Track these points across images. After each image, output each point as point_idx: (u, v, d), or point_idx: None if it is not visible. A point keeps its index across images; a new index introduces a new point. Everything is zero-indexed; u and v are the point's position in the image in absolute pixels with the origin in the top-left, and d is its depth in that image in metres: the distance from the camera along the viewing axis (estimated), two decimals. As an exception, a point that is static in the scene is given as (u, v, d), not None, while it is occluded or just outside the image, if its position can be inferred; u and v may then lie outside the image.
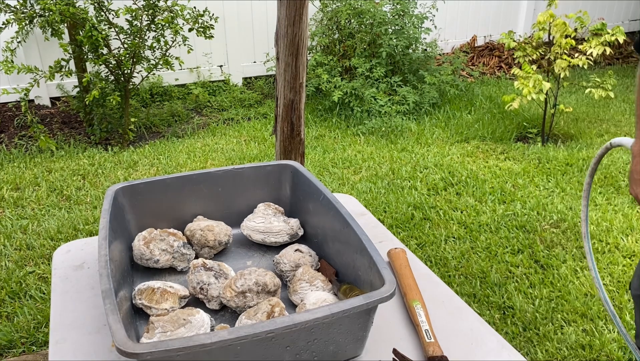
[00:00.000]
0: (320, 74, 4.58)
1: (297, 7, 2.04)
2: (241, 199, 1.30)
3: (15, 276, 2.46)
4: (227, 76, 5.22)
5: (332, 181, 3.49)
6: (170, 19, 3.73)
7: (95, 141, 4.03)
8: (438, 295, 1.12)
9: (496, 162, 3.79)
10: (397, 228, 2.95)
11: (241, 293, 1.00)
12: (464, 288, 2.47)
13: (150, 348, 0.74)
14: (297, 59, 2.14)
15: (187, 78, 5.04)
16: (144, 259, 1.14)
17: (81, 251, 1.25)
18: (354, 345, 0.94)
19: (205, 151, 3.90)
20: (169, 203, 1.24)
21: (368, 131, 4.29)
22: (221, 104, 4.86)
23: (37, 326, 2.19)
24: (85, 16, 3.50)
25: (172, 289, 1.03)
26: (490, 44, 6.43)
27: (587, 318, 2.26)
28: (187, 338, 0.76)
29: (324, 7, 4.88)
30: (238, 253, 1.25)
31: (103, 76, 3.83)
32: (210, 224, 1.22)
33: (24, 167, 3.59)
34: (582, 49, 4.00)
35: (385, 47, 4.65)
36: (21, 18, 3.46)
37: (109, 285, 0.86)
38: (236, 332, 0.77)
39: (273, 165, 1.31)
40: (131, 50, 3.69)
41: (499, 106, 4.78)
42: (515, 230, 2.91)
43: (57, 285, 1.13)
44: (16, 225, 2.88)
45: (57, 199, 3.21)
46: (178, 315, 0.93)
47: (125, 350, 0.74)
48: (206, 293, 1.05)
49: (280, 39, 2.12)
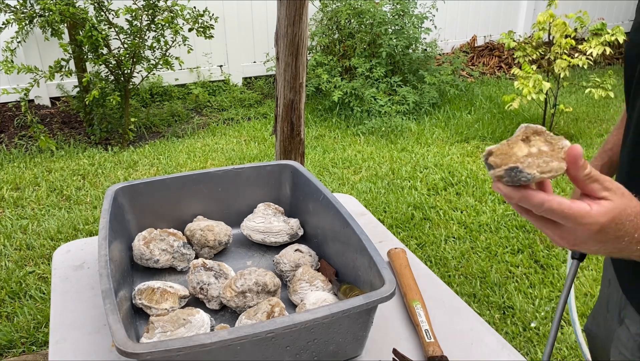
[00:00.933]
0: (320, 74, 4.58)
1: (297, 7, 2.04)
2: (241, 199, 1.30)
3: (15, 276, 2.46)
4: (227, 75, 5.22)
5: (332, 181, 3.49)
6: (170, 19, 3.73)
7: (95, 141, 4.03)
8: (438, 295, 1.12)
9: (496, 162, 3.79)
10: (397, 228, 2.95)
11: (241, 293, 1.00)
12: (464, 288, 2.47)
13: (150, 348, 0.74)
14: (297, 59, 2.14)
15: (187, 78, 5.04)
16: (144, 259, 1.14)
17: (81, 251, 1.25)
18: (354, 345, 0.94)
19: (205, 151, 3.90)
20: (169, 203, 1.24)
21: (368, 131, 4.29)
22: (221, 104, 4.86)
23: (37, 326, 2.19)
24: (85, 16, 3.50)
25: (172, 289, 1.03)
26: (490, 44, 6.43)
27: (587, 318, 2.26)
28: (187, 338, 0.76)
29: (324, 7, 4.88)
30: (238, 253, 1.24)
31: (103, 75, 3.83)
32: (210, 224, 1.22)
33: (24, 167, 3.59)
34: (582, 49, 4.00)
35: (385, 47, 4.65)
36: (21, 18, 3.46)
37: (109, 285, 0.86)
38: (236, 332, 0.77)
39: (273, 165, 1.31)
40: (131, 50, 3.69)
41: (499, 106, 4.78)
42: (515, 230, 2.91)
43: (57, 285, 1.13)
44: (16, 225, 2.88)
45: (57, 199, 3.21)
46: (178, 314, 0.93)
47: (125, 350, 0.74)
48: (206, 293, 1.04)
49: (280, 39, 2.12)
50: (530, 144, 0.60)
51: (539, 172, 0.59)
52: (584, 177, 0.61)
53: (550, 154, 0.60)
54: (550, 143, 0.60)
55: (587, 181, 0.61)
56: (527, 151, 0.60)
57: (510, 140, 0.61)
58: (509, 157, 0.59)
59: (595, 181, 0.61)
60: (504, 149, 0.60)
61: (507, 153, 0.60)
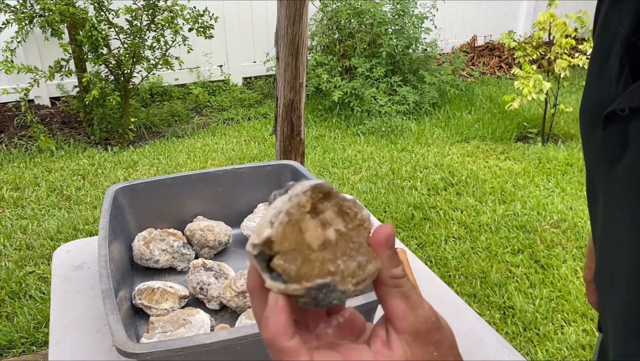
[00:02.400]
0: (320, 74, 4.58)
1: (297, 7, 2.04)
2: (241, 199, 1.30)
3: (15, 276, 2.46)
4: (227, 75, 5.22)
5: (332, 181, 3.49)
6: (170, 18, 3.73)
7: (95, 141, 4.03)
8: (438, 295, 1.12)
9: (496, 162, 3.79)
10: (397, 228, 2.95)
11: (241, 293, 1.00)
12: (464, 288, 2.47)
13: (150, 348, 0.74)
14: (297, 59, 2.14)
15: (187, 78, 5.04)
16: (143, 259, 1.14)
17: (81, 251, 1.25)
18: (354, 345, 0.93)
19: (205, 151, 3.90)
20: (169, 203, 1.24)
21: (368, 131, 4.29)
22: (221, 104, 4.86)
23: (37, 326, 2.19)
24: (85, 16, 3.50)
25: (172, 290, 1.03)
26: (490, 44, 6.43)
27: (587, 318, 2.26)
28: (187, 338, 0.76)
29: (324, 7, 4.88)
30: (238, 253, 1.24)
31: (103, 75, 3.83)
32: (210, 224, 1.21)
33: (24, 167, 3.59)
34: (583, 48, 4.00)
35: (385, 47, 4.65)
36: (21, 18, 3.46)
37: (109, 285, 0.86)
38: (236, 332, 0.77)
39: (273, 165, 1.31)
40: (131, 50, 3.69)
41: (499, 105, 4.78)
42: (515, 230, 2.91)
43: (57, 285, 1.13)
44: (16, 225, 2.88)
45: (57, 199, 3.21)
46: (178, 315, 0.93)
47: (125, 350, 0.74)
48: (206, 293, 1.04)
49: (280, 38, 2.12)
50: (320, 220, 0.40)
51: (354, 283, 0.39)
52: (390, 279, 0.41)
53: (353, 241, 0.40)
54: (345, 214, 0.41)
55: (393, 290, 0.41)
56: (323, 237, 0.39)
57: (291, 214, 0.38)
58: (305, 256, 0.38)
59: (404, 298, 0.41)
60: (290, 236, 0.38)
61: (298, 245, 0.38)
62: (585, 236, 2.83)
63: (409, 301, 0.41)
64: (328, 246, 0.39)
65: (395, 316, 0.41)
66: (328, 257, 0.39)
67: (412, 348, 0.41)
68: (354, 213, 0.41)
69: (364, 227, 0.41)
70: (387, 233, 0.41)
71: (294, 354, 0.38)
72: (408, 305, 0.41)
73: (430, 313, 0.42)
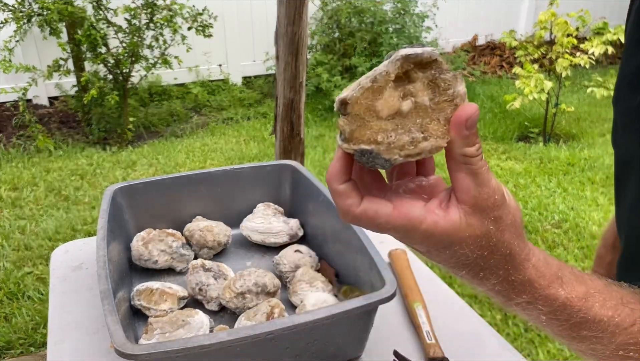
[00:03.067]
0: (320, 73, 4.57)
1: (297, 6, 2.03)
2: (241, 200, 1.29)
3: (13, 277, 2.45)
4: (227, 75, 5.21)
5: (332, 180, 3.48)
6: (169, 17, 3.72)
7: (93, 141, 4.02)
8: (439, 296, 1.11)
9: (498, 162, 3.79)
10: (397, 227, 2.94)
11: (240, 294, 0.99)
12: (465, 288, 2.46)
13: (148, 349, 0.74)
14: (297, 58, 2.13)
15: (186, 77, 5.03)
16: (142, 260, 1.13)
17: (79, 252, 1.24)
18: (354, 347, 0.93)
19: (204, 151, 3.89)
20: (168, 203, 1.23)
21: (368, 130, 4.28)
22: (220, 104, 4.86)
23: (35, 327, 2.18)
24: (84, 15, 3.50)
25: (171, 290, 1.02)
26: (491, 43, 6.42)
27: (589, 318, 2.26)
28: (186, 340, 0.76)
29: (324, 6, 4.87)
30: (237, 253, 1.24)
31: (101, 75, 3.82)
32: (210, 225, 1.21)
33: (22, 167, 3.58)
34: (584, 48, 3.99)
35: (386, 46, 4.64)
36: (19, 17, 3.45)
37: (107, 286, 0.85)
38: (235, 333, 0.77)
39: (273, 165, 1.30)
40: (130, 49, 3.68)
41: (500, 105, 4.77)
42: (515, 230, 2.90)
43: (55, 286, 1.12)
44: (14, 225, 2.87)
45: (55, 199, 3.20)
46: (177, 315, 0.93)
47: (124, 351, 0.73)
48: (205, 294, 1.04)
49: (280, 37, 2.11)
50: (404, 90, 0.42)
51: (403, 155, 0.43)
52: (460, 156, 0.44)
53: (430, 113, 0.42)
54: (436, 87, 0.42)
55: (462, 166, 0.44)
56: (396, 107, 0.42)
57: (377, 78, 0.41)
58: (364, 122, 0.42)
59: (472, 174, 0.44)
60: (365, 99, 0.41)
61: (366, 111, 0.42)
62: (587, 237, 2.82)
63: (476, 178, 0.44)
64: (396, 116, 0.42)
65: (459, 188, 0.45)
66: (385, 127, 0.42)
67: (468, 217, 0.44)
68: (446, 87, 0.42)
69: (454, 103, 0.43)
70: (469, 114, 0.42)
71: (343, 196, 0.45)
72: (473, 181, 0.44)
73: (495, 192, 0.45)
